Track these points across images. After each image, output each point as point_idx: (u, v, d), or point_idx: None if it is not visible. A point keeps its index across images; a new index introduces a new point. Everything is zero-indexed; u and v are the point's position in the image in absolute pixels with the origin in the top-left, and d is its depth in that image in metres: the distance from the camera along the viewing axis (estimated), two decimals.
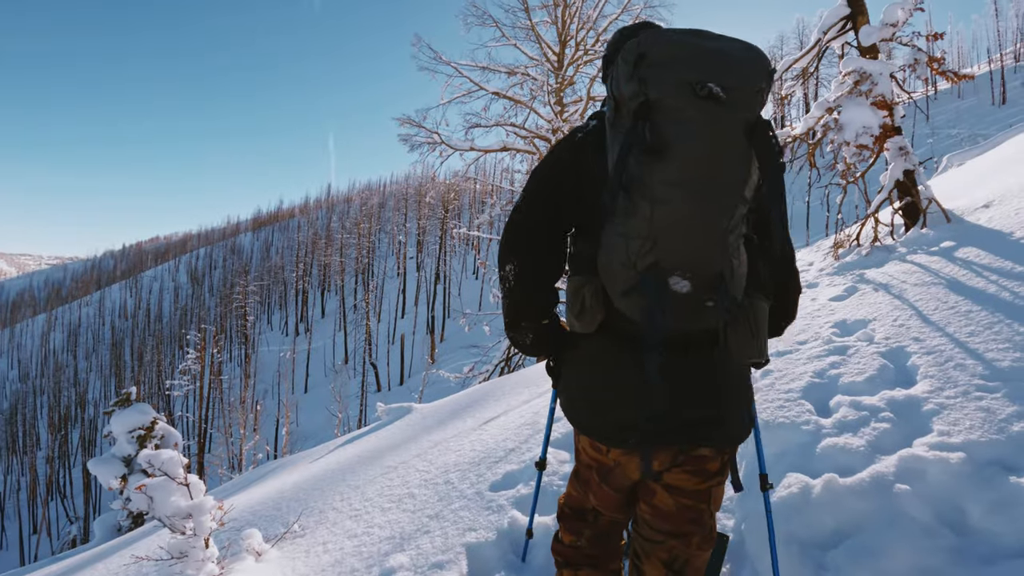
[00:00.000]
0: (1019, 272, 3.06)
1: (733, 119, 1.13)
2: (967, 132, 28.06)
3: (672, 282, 1.19)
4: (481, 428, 4.10)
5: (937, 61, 4.64)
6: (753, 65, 1.16)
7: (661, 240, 1.17)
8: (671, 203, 1.14)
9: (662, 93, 1.13)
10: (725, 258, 1.19)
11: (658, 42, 1.16)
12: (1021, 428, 1.99)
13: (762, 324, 1.25)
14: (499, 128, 15.88)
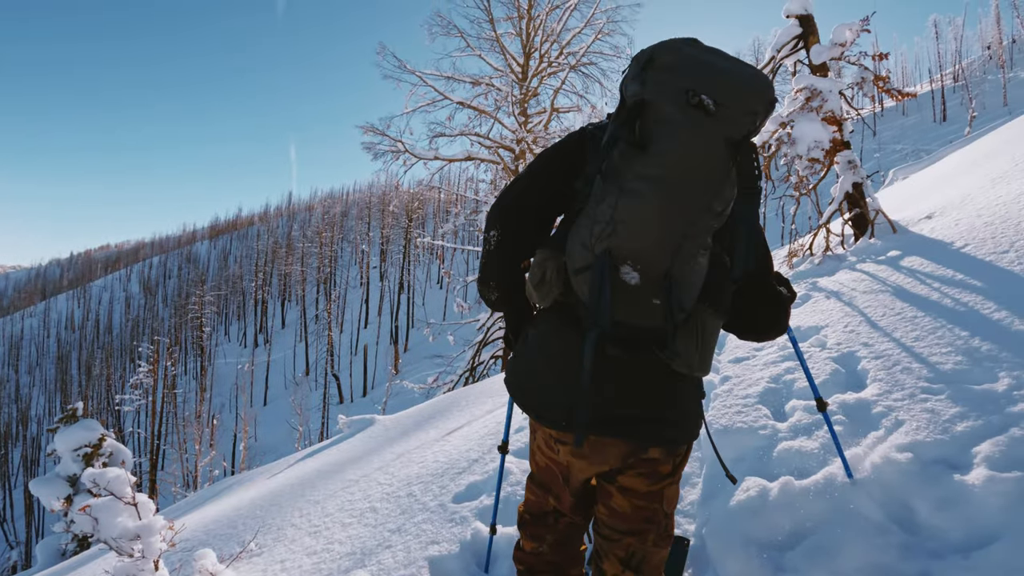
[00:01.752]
0: (959, 280, 3.22)
1: (716, 132, 1.17)
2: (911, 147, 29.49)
3: (623, 271, 1.24)
4: (445, 439, 4.06)
5: (883, 80, 4.87)
6: (752, 89, 1.19)
7: (619, 229, 1.22)
8: (637, 196, 1.19)
9: (657, 95, 1.19)
10: (676, 261, 1.22)
11: (670, 50, 1.22)
12: (964, 428, 2.08)
13: (709, 337, 1.26)
14: (464, 138, 15.92)
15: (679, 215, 1.19)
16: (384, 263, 56.26)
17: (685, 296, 1.25)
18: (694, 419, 1.42)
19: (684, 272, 1.23)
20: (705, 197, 1.19)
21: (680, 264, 1.22)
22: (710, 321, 1.26)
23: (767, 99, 1.21)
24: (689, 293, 1.26)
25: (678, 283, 1.23)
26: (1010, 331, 2.57)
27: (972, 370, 2.38)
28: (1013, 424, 2.01)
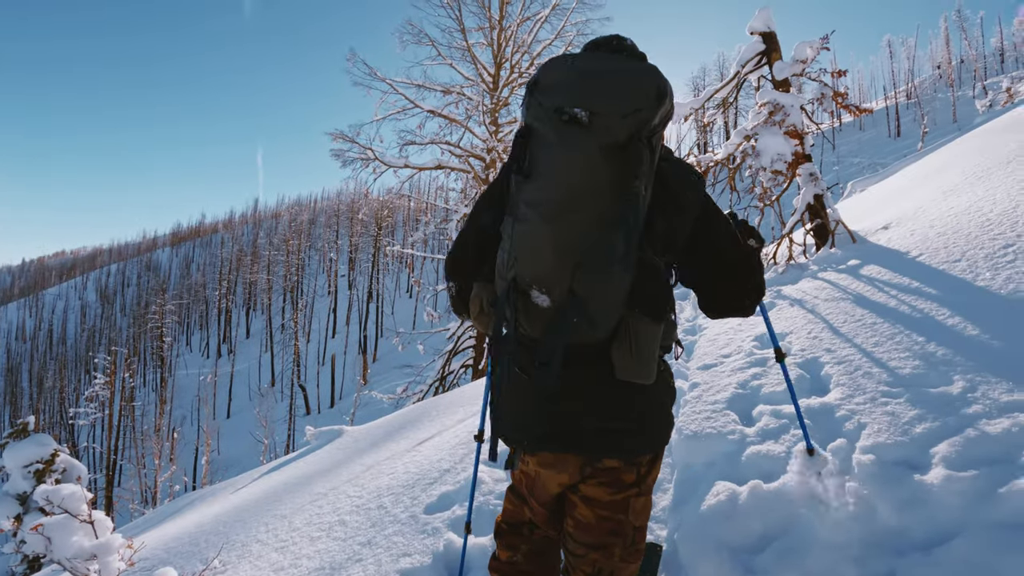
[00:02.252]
0: (915, 287, 3.35)
1: (591, 143, 1.18)
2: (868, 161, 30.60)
3: (533, 295, 1.27)
4: (415, 449, 4.01)
5: (841, 96, 5.06)
6: (629, 87, 1.19)
7: (520, 256, 1.27)
8: (527, 222, 1.24)
9: (535, 119, 1.24)
10: (578, 279, 1.22)
11: (551, 68, 1.26)
12: (922, 430, 2.16)
13: (643, 345, 1.26)
14: (434, 146, 15.90)
15: (568, 235, 1.21)
16: (353, 272, 55.58)
17: (598, 311, 1.23)
18: (656, 427, 1.41)
19: (592, 289, 1.22)
20: (593, 212, 1.20)
21: (584, 281, 1.22)
22: (643, 328, 1.26)
23: (651, 94, 1.19)
24: (603, 307, 1.23)
25: (584, 299, 1.22)
26: (963, 336, 2.68)
27: (929, 374, 2.47)
28: (968, 425, 2.09)
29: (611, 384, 1.31)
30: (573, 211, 1.20)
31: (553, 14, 16.65)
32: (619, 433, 1.34)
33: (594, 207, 1.20)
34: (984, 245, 3.52)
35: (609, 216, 1.20)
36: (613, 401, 1.33)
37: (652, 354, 1.28)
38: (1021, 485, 1.77)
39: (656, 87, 1.20)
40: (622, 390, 1.32)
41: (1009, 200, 4.11)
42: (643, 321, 1.26)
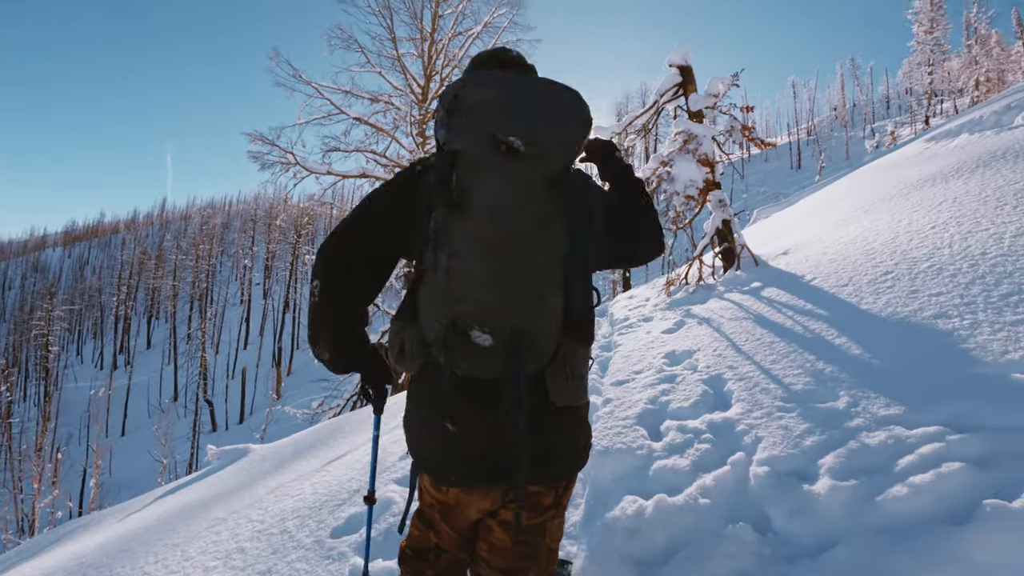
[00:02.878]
0: (808, 309, 3.61)
1: (532, 175, 1.16)
2: (772, 190, 33.01)
3: (474, 335, 1.19)
4: (324, 469, 3.84)
5: (748, 129, 5.43)
6: (565, 115, 1.18)
7: (458, 295, 1.18)
8: (466, 258, 1.16)
9: (466, 145, 1.16)
10: (522, 315, 1.19)
11: (472, 86, 1.18)
12: (811, 442, 2.31)
13: (578, 367, 1.27)
14: (359, 154, 15.57)
15: (511, 272, 1.17)
16: (268, 280, 53.14)
17: (542, 343, 1.22)
18: (576, 451, 1.41)
19: (535, 323, 1.20)
20: (536, 247, 1.18)
21: (527, 316, 1.19)
22: (578, 352, 1.27)
23: (582, 120, 1.20)
24: (545, 340, 1.23)
25: (529, 335, 1.19)
26: (848, 355, 2.91)
27: (818, 390, 2.66)
28: (851, 438, 2.25)
29: (544, 411, 1.29)
30: (515, 247, 1.16)
31: (485, 31, 16.86)
32: (551, 459, 1.32)
33: (537, 242, 1.18)
34: (868, 271, 3.86)
35: (552, 250, 1.19)
36: (547, 427, 1.31)
37: (585, 376, 1.31)
38: (895, 492, 1.92)
39: (584, 113, 1.22)
40: (555, 415, 1.31)
41: (890, 231, 4.54)
42: (578, 349, 1.27)
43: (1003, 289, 2.99)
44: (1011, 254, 3.35)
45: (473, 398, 1.26)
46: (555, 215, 1.19)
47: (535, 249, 1.18)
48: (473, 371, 1.23)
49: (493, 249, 1.16)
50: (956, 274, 3.34)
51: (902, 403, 2.36)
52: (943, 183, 5.45)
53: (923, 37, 31.18)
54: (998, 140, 6.35)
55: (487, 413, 1.26)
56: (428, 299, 1.24)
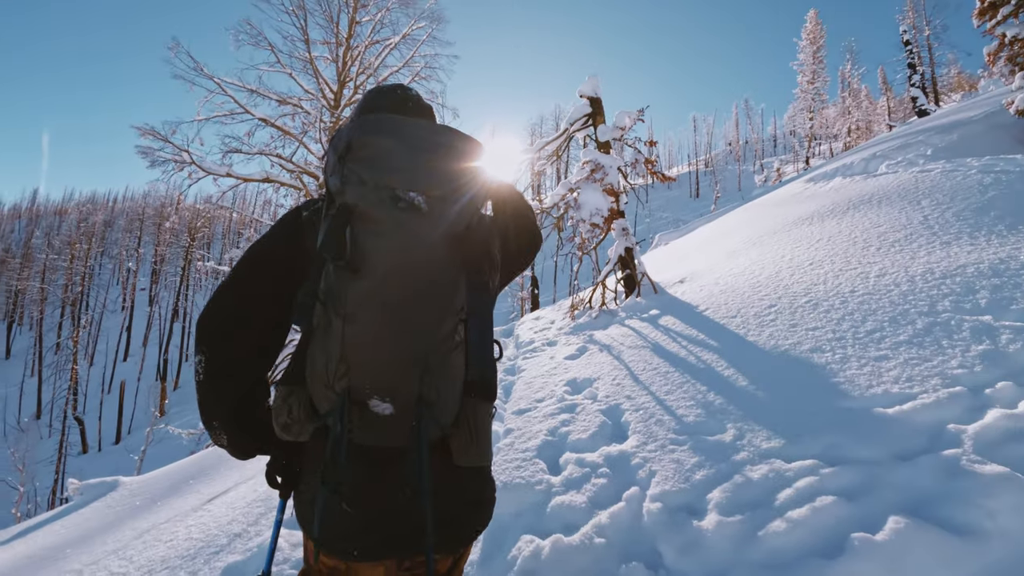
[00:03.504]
0: (700, 339, 3.77)
1: (433, 232, 1.09)
2: (673, 216, 35.05)
3: (372, 404, 1.10)
4: (204, 508, 3.50)
5: (651, 163, 5.69)
6: (463, 167, 1.12)
7: (355, 363, 1.08)
8: (364, 323, 1.07)
9: (360, 199, 1.07)
10: (428, 381, 1.11)
11: (366, 133, 1.09)
12: (701, 476, 2.38)
13: (482, 428, 1.20)
14: (264, 157, 14.77)
15: (415, 337, 1.09)
16: (156, 285, 48.93)
17: (446, 408, 1.15)
18: (480, 515, 1.32)
19: (439, 388, 1.13)
20: (440, 310, 1.12)
21: (431, 383, 1.12)
22: (481, 409, 1.20)
23: (481, 168, 1.16)
24: (449, 403, 1.16)
25: (433, 402, 1.12)
26: (736, 387, 3.05)
27: (708, 421, 2.76)
28: (736, 472, 2.34)
29: (448, 475, 1.20)
30: (416, 311, 1.08)
31: (403, 42, 16.67)
32: (454, 526, 1.23)
33: (439, 304, 1.11)
34: (754, 304, 4.11)
35: (455, 310, 1.12)
36: (451, 493, 1.22)
37: (489, 434, 1.23)
38: (775, 527, 2.01)
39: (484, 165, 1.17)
40: (458, 478, 1.22)
41: (774, 266, 4.88)
42: (482, 406, 1.20)
43: (868, 325, 3.27)
44: (875, 292, 3.68)
45: (371, 467, 1.16)
46: (457, 274, 1.13)
47: (437, 312, 1.11)
48: (372, 440, 1.13)
49: (393, 314, 1.07)
50: (829, 310, 3.62)
51: (782, 436, 2.49)
52: (820, 222, 5.96)
53: (806, 86, 34.53)
54: (866, 185, 7.08)
55: (387, 483, 1.15)
56: (320, 364, 1.11)
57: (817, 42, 34.09)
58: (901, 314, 3.28)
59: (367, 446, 1.14)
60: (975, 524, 1.84)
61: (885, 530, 1.84)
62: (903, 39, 28.46)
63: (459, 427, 1.18)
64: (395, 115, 1.19)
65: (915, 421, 2.37)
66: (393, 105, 1.31)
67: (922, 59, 28.61)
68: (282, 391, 1.17)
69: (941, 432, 2.27)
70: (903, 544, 1.79)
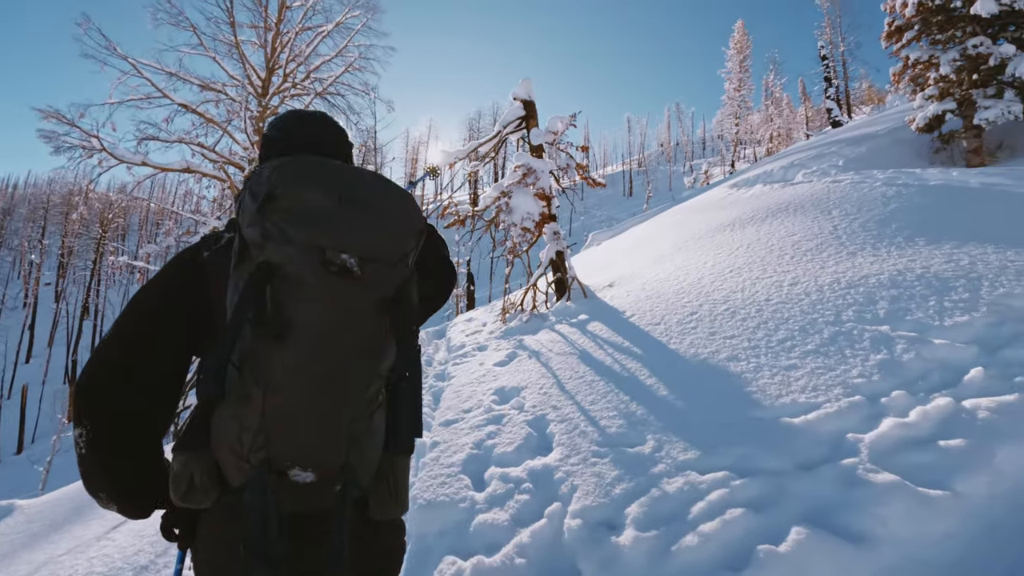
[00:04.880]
0: (626, 347, 3.85)
1: (365, 299, 1.01)
2: (607, 215, 35.88)
3: (293, 474, 1.02)
4: (108, 536, 3.24)
5: (583, 168, 5.75)
6: (400, 226, 1.05)
7: (275, 434, 0.99)
8: (287, 392, 0.98)
9: (285, 258, 0.96)
10: (354, 451, 1.05)
11: (291, 182, 0.98)
12: (620, 491, 2.41)
13: (401, 482, 1.16)
14: (184, 146, 13.91)
15: (342, 406, 1.02)
16: (63, 280, 45.28)
17: (366, 469, 1.09)
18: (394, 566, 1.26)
19: (363, 454, 1.07)
20: (369, 378, 1.05)
21: (357, 452, 1.06)
22: (400, 464, 1.15)
23: (417, 225, 1.09)
24: (370, 463, 1.10)
25: (355, 468, 1.06)
26: (657, 396, 3.12)
27: (629, 433, 2.81)
28: (653, 485, 2.39)
29: (364, 532, 1.14)
30: (346, 381, 1.01)
31: (337, 31, 16.11)
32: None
33: (367, 373, 1.03)
34: (678, 311, 4.23)
35: (383, 376, 1.06)
36: (368, 549, 1.16)
37: (407, 485, 1.18)
38: (688, 542, 2.06)
39: (421, 223, 1.08)
40: (375, 533, 1.16)
41: (697, 272, 5.05)
42: (401, 459, 1.14)
43: (780, 334, 3.43)
44: (788, 301, 3.87)
45: (285, 532, 1.06)
46: (386, 339, 1.05)
47: (365, 379, 1.04)
48: (289, 507, 1.05)
49: (320, 385, 0.99)
50: (746, 318, 3.78)
51: (698, 447, 2.57)
52: (741, 229, 6.23)
53: (732, 93, 36.20)
54: (783, 193, 7.46)
55: (304, 547, 1.08)
56: (231, 433, 1.00)
57: (743, 51, 35.77)
58: (810, 323, 3.46)
59: (284, 513, 1.05)
60: (869, 531, 1.96)
61: (788, 541, 1.92)
62: (820, 54, 30.33)
63: (379, 483, 1.12)
64: (315, 157, 1.08)
65: (818, 431, 2.50)
66: (311, 138, 1.20)
67: (837, 73, 30.54)
68: (181, 458, 1.05)
69: (841, 441, 2.40)
70: (804, 554, 1.88)
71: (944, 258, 4.00)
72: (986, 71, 8.68)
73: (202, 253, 1.11)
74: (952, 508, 2.00)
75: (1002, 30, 8.99)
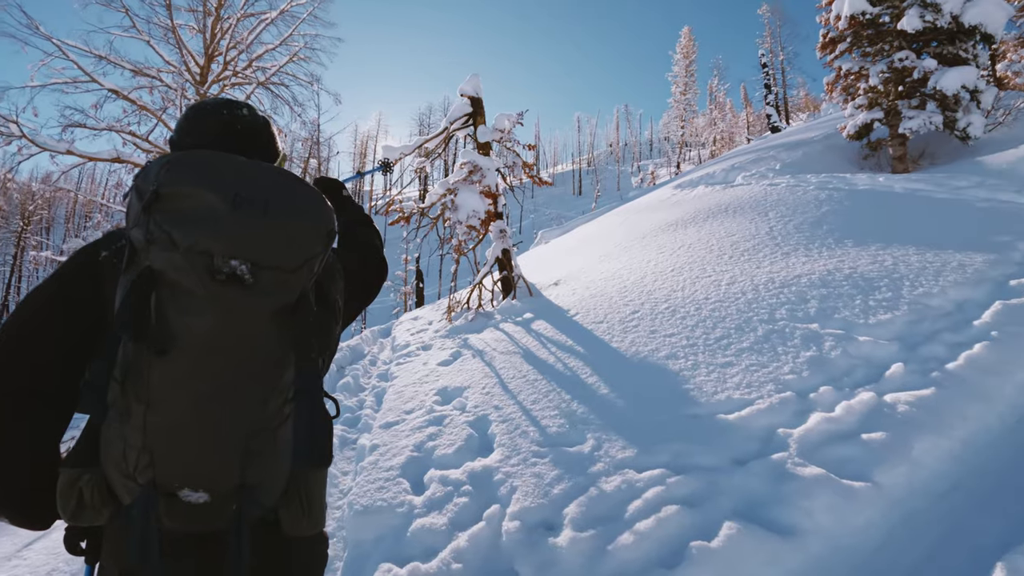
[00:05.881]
0: (569, 345, 3.86)
1: (259, 309, 0.93)
2: (556, 212, 36.16)
3: (184, 494, 0.94)
4: (19, 554, 3.00)
5: (529, 166, 5.74)
6: (303, 229, 0.96)
7: (160, 453, 0.91)
8: (171, 412, 0.91)
9: (169, 266, 0.88)
10: (250, 471, 0.97)
11: (180, 180, 0.89)
12: (559, 491, 2.40)
13: (315, 497, 1.08)
14: (115, 134, 13.11)
15: (233, 424, 0.94)
16: None
17: (272, 489, 1.02)
18: None
19: (263, 467, 0.99)
20: (264, 393, 0.97)
21: (254, 471, 0.98)
22: (313, 478, 1.07)
23: (323, 230, 1.00)
24: (276, 483, 1.02)
25: (255, 486, 0.98)
26: (598, 395, 3.14)
27: (569, 433, 2.80)
28: (592, 484, 2.39)
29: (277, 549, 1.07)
30: (238, 397, 0.93)
31: (282, 19, 15.52)
32: None
33: (265, 386, 0.95)
34: (620, 309, 4.28)
35: (283, 390, 0.97)
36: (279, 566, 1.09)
37: (323, 500, 1.10)
38: (624, 540, 2.07)
39: (329, 224, 0.99)
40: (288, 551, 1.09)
41: (640, 271, 5.12)
42: (314, 474, 1.06)
43: (718, 332, 3.52)
44: (725, 300, 3.97)
45: (182, 554, 1.00)
46: (285, 351, 0.98)
47: (260, 394, 0.96)
48: (184, 527, 0.97)
49: (207, 402, 0.91)
50: (685, 316, 3.85)
51: (636, 444, 2.59)
52: (683, 229, 6.37)
53: (679, 96, 37.22)
54: (724, 195, 7.68)
55: (203, 569, 1.00)
56: (116, 451, 0.92)
57: (689, 56, 36.80)
58: (746, 321, 3.56)
59: (178, 533, 0.98)
60: (796, 524, 2.01)
61: (720, 536, 1.95)
62: (761, 61, 31.50)
63: (290, 500, 1.04)
64: (218, 152, 0.99)
65: (751, 426, 2.56)
66: (217, 131, 1.11)
67: (776, 81, 31.83)
68: (69, 475, 0.96)
69: (772, 436, 2.47)
70: (735, 549, 1.91)
71: (870, 259, 4.20)
72: (910, 83, 9.20)
73: (100, 252, 1.02)
74: (873, 499, 2.09)
75: (926, 45, 9.57)
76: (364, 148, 56.64)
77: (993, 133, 9.10)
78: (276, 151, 1.23)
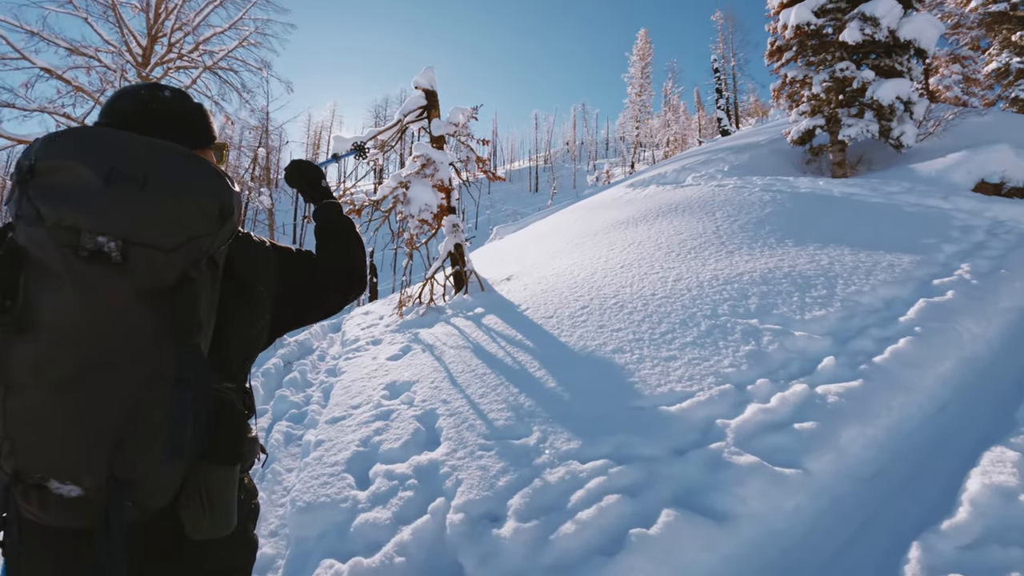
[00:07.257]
0: (519, 340, 3.88)
1: (129, 287, 0.88)
2: (513, 209, 36.29)
3: (54, 486, 0.89)
4: None
5: (483, 161, 5.74)
6: (185, 205, 0.91)
7: (21, 443, 0.87)
8: (31, 397, 0.86)
9: (31, 241, 0.85)
10: (122, 458, 0.90)
11: (55, 153, 0.86)
12: (504, 483, 2.41)
13: (218, 496, 1.01)
14: (49, 116, 12.36)
15: (98, 411, 0.88)
16: None
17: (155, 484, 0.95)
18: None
19: (141, 461, 0.92)
20: (135, 376, 0.90)
21: (128, 459, 0.91)
22: (217, 478, 1.01)
23: (211, 209, 0.94)
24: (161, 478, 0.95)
25: (132, 482, 0.92)
26: (545, 388, 3.17)
27: (516, 425, 2.82)
28: (536, 476, 2.42)
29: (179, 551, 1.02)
30: (103, 379, 0.87)
31: (231, 1, 14.95)
32: None
33: (135, 371, 0.89)
34: (570, 304, 4.33)
35: (159, 377, 0.91)
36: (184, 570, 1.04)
37: (231, 503, 1.03)
38: (566, 530, 2.09)
39: (220, 203, 0.94)
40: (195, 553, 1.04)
41: (591, 267, 5.19)
42: (216, 471, 1.01)
43: (663, 327, 3.60)
44: (671, 296, 4.07)
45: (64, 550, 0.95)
46: (159, 335, 0.91)
47: (133, 382, 0.90)
48: (60, 522, 0.92)
49: (69, 387, 0.86)
50: (633, 312, 3.93)
51: (581, 436, 2.62)
52: (634, 227, 6.50)
53: (634, 98, 37.91)
54: (675, 195, 7.87)
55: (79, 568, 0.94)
56: None
57: (646, 59, 37.50)
58: (690, 317, 3.66)
59: (57, 528, 0.93)
60: (731, 509, 2.09)
61: (659, 523, 2.00)
62: (714, 66, 32.41)
63: (188, 497, 0.99)
64: (105, 127, 0.94)
65: (691, 417, 2.64)
66: (130, 111, 1.05)
67: (728, 86, 32.79)
68: None
69: (711, 427, 2.55)
70: (672, 535, 1.96)
71: (808, 258, 4.39)
72: (850, 93, 9.64)
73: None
74: (802, 485, 2.19)
75: (865, 57, 10.05)
76: (318, 139, 55.28)
77: (924, 143, 9.64)
78: (208, 137, 1.17)
